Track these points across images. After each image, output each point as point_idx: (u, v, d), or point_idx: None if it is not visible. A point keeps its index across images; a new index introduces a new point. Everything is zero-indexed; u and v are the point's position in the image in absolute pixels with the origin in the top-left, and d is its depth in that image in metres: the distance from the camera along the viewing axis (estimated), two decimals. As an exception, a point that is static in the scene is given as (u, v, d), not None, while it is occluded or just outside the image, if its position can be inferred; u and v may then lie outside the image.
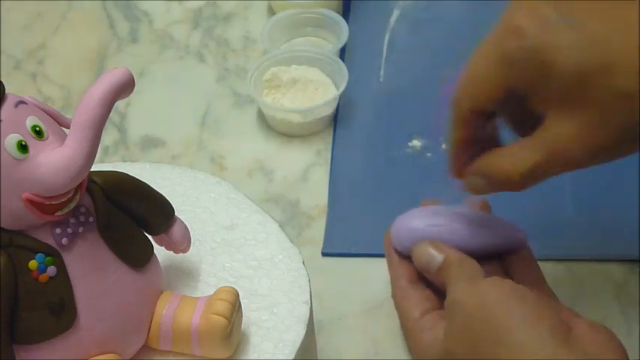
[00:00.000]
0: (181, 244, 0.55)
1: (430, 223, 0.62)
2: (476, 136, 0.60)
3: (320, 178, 0.76)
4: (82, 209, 0.49)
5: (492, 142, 0.60)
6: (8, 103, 0.47)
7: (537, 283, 0.61)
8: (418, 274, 0.62)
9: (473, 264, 0.59)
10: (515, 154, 0.57)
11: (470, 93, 0.59)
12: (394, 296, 0.62)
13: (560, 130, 0.55)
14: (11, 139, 0.46)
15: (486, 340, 0.52)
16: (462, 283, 0.57)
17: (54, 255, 0.48)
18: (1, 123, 0.46)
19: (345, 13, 0.89)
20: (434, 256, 0.60)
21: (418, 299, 0.60)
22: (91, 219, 0.50)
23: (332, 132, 0.80)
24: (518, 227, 0.63)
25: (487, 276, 0.57)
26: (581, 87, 0.54)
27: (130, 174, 0.53)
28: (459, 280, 0.57)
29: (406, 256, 0.62)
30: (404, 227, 0.62)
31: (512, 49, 0.56)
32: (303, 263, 0.58)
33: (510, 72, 0.57)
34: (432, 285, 0.61)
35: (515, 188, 0.58)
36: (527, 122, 0.58)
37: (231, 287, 0.53)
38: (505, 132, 0.61)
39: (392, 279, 0.63)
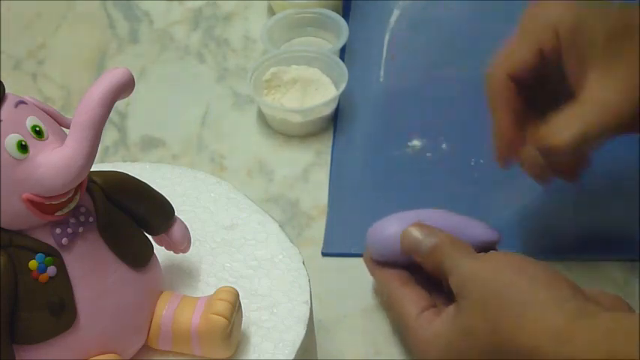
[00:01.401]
0: (181, 244, 0.55)
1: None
2: (519, 108, 0.61)
3: (320, 178, 0.76)
4: (82, 209, 0.49)
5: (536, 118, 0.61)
6: (8, 103, 0.47)
7: None
8: (406, 277, 0.62)
9: (464, 243, 0.60)
10: (564, 119, 0.59)
11: (506, 59, 0.61)
12: (389, 299, 0.63)
13: (605, 86, 0.57)
14: (11, 139, 0.46)
15: (507, 305, 0.53)
16: (466, 259, 0.57)
17: (54, 255, 0.48)
18: (1, 123, 0.46)
19: (345, 13, 0.89)
20: (423, 238, 0.60)
21: (414, 298, 0.61)
22: (91, 219, 0.50)
23: (332, 132, 0.80)
24: (492, 228, 0.64)
25: None
26: (625, 40, 0.56)
27: (130, 174, 0.53)
28: (460, 256, 0.58)
29: (386, 264, 0.63)
30: (379, 237, 0.63)
31: (550, 15, 0.59)
32: (303, 263, 0.58)
33: (547, 34, 0.59)
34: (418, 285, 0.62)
35: (567, 154, 0.59)
36: (559, 97, 0.60)
37: (231, 287, 0.53)
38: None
39: (381, 285, 0.64)
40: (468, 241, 0.62)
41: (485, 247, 0.63)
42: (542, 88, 0.62)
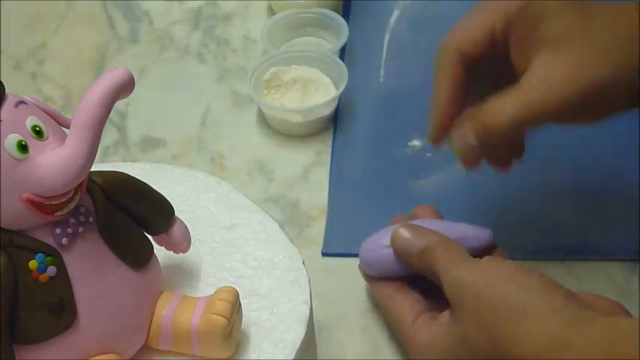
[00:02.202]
0: (181, 244, 0.55)
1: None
2: (461, 87, 0.60)
3: (320, 178, 0.76)
4: (82, 209, 0.49)
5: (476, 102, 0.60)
6: (8, 103, 0.47)
7: None
8: (399, 284, 0.62)
9: (456, 244, 0.59)
10: (504, 99, 0.58)
11: (458, 35, 0.60)
12: (383, 305, 0.63)
13: (551, 69, 0.56)
14: (11, 139, 0.46)
15: (502, 315, 0.52)
16: (457, 265, 0.57)
17: (54, 255, 0.48)
18: (1, 123, 0.46)
19: (345, 13, 0.89)
20: (414, 239, 0.60)
21: (408, 303, 0.60)
22: (91, 219, 0.50)
23: (332, 132, 0.80)
24: (483, 228, 0.63)
25: None
26: (577, 27, 0.55)
27: (130, 174, 0.53)
28: (451, 262, 0.57)
29: (380, 279, 0.63)
30: (372, 255, 0.63)
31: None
32: (303, 263, 0.58)
33: (498, 14, 0.58)
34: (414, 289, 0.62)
35: (504, 135, 0.58)
36: (505, 81, 0.59)
37: (231, 287, 0.53)
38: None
39: (376, 292, 0.64)
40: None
41: (481, 249, 0.63)
42: (489, 70, 0.61)
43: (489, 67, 0.61)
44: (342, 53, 0.85)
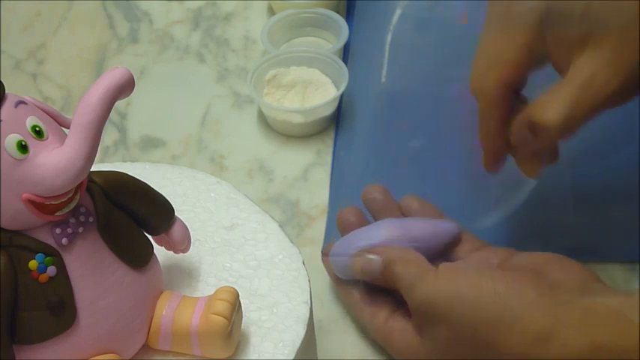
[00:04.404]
0: (181, 244, 0.55)
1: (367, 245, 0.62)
2: (508, 109, 0.59)
3: (320, 178, 0.76)
4: (82, 209, 0.49)
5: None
6: (8, 103, 0.47)
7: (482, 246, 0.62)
8: (368, 288, 0.62)
9: (413, 253, 0.59)
10: (551, 97, 0.57)
11: (496, 63, 0.59)
12: (354, 307, 0.63)
13: (592, 62, 0.55)
14: (11, 139, 0.46)
15: (481, 326, 0.52)
16: (419, 282, 0.57)
17: (54, 255, 0.48)
18: (1, 123, 0.46)
19: (349, 12, 0.89)
20: (372, 259, 0.60)
21: (379, 303, 0.61)
22: (91, 219, 0.50)
23: (332, 132, 0.80)
24: (449, 220, 0.63)
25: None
26: (613, 16, 0.55)
27: (130, 174, 0.53)
28: (411, 278, 0.57)
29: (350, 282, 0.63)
30: (341, 257, 0.63)
31: (525, 4, 0.57)
32: (303, 263, 0.58)
33: (529, 24, 0.57)
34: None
35: (560, 133, 0.58)
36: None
37: (231, 287, 0.53)
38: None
39: (344, 296, 0.64)
40: (430, 242, 0.62)
41: (448, 242, 0.63)
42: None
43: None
44: (345, 53, 0.85)
